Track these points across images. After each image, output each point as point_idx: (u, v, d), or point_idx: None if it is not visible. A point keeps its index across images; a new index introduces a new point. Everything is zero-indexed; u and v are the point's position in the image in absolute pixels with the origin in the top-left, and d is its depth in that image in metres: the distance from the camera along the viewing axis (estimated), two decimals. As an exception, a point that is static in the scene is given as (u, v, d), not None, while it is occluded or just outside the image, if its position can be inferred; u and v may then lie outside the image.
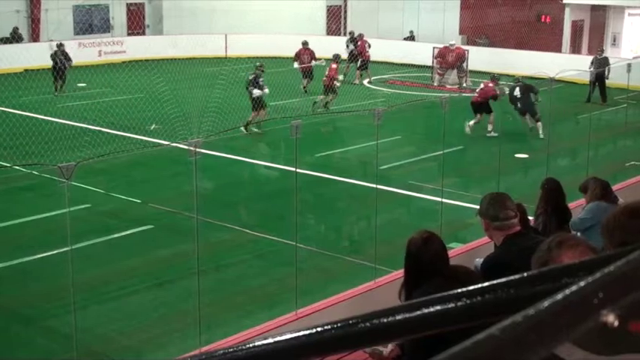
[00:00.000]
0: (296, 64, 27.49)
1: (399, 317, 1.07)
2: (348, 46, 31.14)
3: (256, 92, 20.65)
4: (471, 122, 20.07)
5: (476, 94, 21.04)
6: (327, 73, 23.97)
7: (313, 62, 27.09)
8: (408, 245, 4.91)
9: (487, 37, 35.92)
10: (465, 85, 28.57)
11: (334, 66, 24.37)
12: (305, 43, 28.14)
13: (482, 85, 21.04)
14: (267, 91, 20.93)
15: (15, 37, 33.97)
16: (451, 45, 29.24)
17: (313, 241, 12.09)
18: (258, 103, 20.44)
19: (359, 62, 29.69)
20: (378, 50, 31.27)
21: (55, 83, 26.48)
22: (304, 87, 26.82)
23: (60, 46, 27.18)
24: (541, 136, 18.94)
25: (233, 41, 35.59)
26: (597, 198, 8.13)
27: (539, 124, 19.55)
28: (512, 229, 5.35)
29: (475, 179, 15.92)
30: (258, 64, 21.95)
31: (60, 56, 26.66)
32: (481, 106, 20.27)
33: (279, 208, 13.41)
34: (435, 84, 28.99)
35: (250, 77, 21.19)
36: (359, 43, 30.46)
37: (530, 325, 0.82)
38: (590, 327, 0.85)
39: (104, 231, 12.94)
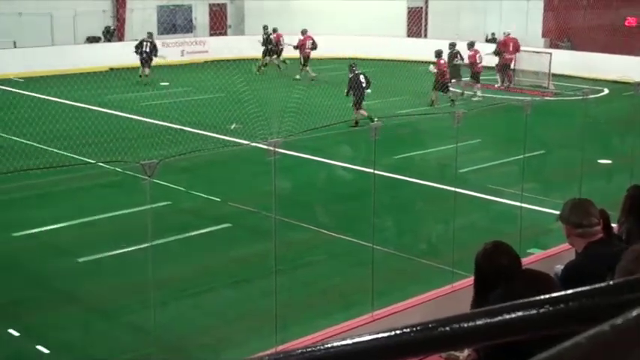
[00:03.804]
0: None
1: (479, 322, 1.06)
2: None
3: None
4: None
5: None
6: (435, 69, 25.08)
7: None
8: (475, 258, 4.82)
9: (569, 40, 35.30)
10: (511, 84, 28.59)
11: (442, 61, 24.96)
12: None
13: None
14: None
15: (108, 36, 34.80)
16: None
17: (390, 243, 12.05)
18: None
19: (301, 58, 30.50)
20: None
21: (142, 69, 28.48)
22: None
23: (150, 35, 29.67)
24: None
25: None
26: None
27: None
28: (594, 237, 5.23)
29: (556, 184, 15.64)
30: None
31: (147, 45, 28.80)
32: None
33: (356, 210, 13.40)
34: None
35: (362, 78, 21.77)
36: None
37: (618, 335, 0.79)
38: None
39: (183, 228, 13.12)
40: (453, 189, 10.23)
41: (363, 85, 21.53)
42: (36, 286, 11.00)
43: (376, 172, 8.93)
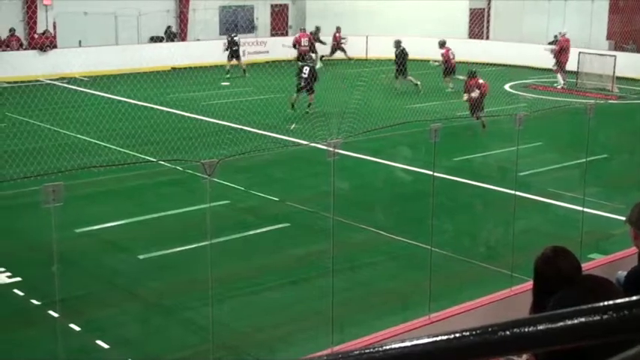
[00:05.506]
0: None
1: (540, 327, 1.05)
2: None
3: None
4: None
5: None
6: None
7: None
8: (534, 262, 4.73)
9: (635, 42, 34.64)
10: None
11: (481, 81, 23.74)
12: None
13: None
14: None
15: (169, 36, 35.20)
16: None
17: (448, 246, 11.96)
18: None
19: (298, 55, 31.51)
20: (520, 54, 30.72)
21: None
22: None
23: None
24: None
25: (374, 43, 35.67)
26: None
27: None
28: (663, 241, 5.11)
29: (619, 189, 15.38)
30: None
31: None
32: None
33: (414, 211, 13.34)
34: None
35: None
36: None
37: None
38: None
39: (242, 227, 13.21)
40: (513, 192, 10.13)
41: (304, 75, 22.85)
42: (97, 282, 11.17)
43: (435, 174, 8.89)
